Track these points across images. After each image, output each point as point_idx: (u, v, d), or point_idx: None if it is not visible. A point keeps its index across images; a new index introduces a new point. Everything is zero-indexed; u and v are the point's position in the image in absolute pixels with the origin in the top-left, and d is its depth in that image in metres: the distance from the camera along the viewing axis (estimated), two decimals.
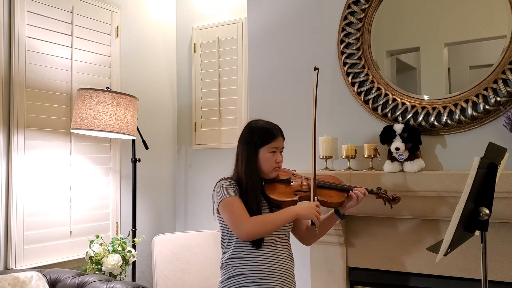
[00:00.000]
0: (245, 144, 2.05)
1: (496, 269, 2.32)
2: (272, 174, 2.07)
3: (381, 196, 2.23)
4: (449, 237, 1.49)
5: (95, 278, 2.47)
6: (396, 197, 2.23)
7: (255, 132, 2.05)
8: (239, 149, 2.07)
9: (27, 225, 2.69)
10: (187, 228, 3.69)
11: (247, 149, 2.03)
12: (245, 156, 2.03)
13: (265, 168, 2.04)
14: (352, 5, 2.73)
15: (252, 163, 2.02)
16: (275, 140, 2.03)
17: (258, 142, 2.02)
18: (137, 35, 3.52)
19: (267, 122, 2.10)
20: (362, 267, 2.68)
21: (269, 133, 2.04)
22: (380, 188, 2.26)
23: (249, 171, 2.01)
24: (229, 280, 2.01)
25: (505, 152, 1.77)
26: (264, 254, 1.98)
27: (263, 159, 2.02)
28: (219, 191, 2.00)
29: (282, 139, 2.09)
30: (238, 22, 3.53)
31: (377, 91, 2.64)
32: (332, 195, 2.14)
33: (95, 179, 3.10)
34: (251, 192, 1.99)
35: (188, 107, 3.77)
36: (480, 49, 2.50)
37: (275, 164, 2.04)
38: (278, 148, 2.05)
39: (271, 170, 2.05)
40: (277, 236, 2.02)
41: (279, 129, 2.09)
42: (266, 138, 2.02)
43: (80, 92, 2.72)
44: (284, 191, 2.07)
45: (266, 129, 2.05)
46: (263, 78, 3.09)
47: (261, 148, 2.02)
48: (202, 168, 3.67)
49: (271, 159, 2.03)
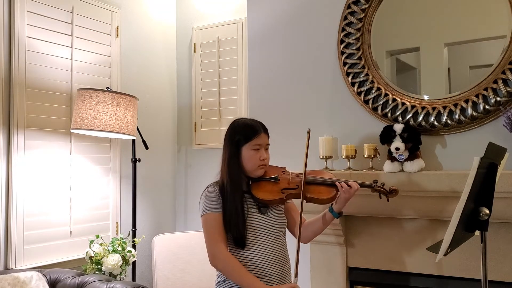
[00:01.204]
0: (227, 143, 2.01)
1: (496, 269, 2.32)
2: (257, 172, 2.01)
3: (376, 190, 2.13)
4: (449, 237, 1.49)
5: (95, 278, 2.47)
6: (393, 189, 2.12)
7: (236, 130, 2.00)
8: (223, 150, 2.03)
9: (27, 225, 2.69)
10: (187, 228, 3.69)
11: (229, 149, 1.99)
12: (227, 156, 1.99)
13: (249, 166, 1.98)
14: (352, 5, 2.73)
15: (234, 163, 1.97)
16: (257, 136, 1.97)
17: (239, 140, 1.97)
18: (137, 35, 3.52)
19: (250, 119, 2.05)
20: (362, 267, 2.67)
21: (251, 130, 1.98)
22: (376, 181, 2.15)
23: (231, 171, 1.97)
24: (223, 283, 1.99)
25: (505, 152, 1.77)
26: (254, 256, 1.95)
27: (246, 157, 1.97)
28: (203, 202, 1.99)
29: (266, 136, 2.02)
30: (238, 22, 3.53)
31: (377, 91, 2.63)
32: (322, 191, 2.04)
33: (95, 179, 3.10)
34: (234, 194, 1.95)
35: (188, 107, 3.77)
36: (480, 49, 2.50)
37: (259, 161, 1.98)
38: (261, 145, 1.99)
39: (256, 168, 1.99)
40: (266, 238, 1.98)
41: (262, 126, 2.03)
42: (247, 135, 1.97)
43: (80, 92, 2.72)
44: (271, 189, 2.01)
45: (248, 126, 2.00)
46: (263, 78, 3.09)
47: (243, 146, 1.97)
48: (202, 168, 3.68)
49: (255, 156, 1.97)
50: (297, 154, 2.67)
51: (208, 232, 1.96)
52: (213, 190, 1.99)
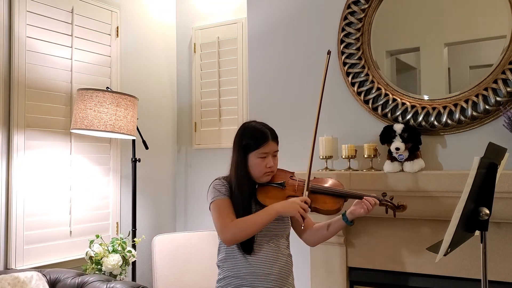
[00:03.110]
0: (236, 147, 2.02)
1: (496, 269, 2.32)
2: (263, 179, 2.01)
3: (383, 204, 2.03)
4: (449, 237, 1.49)
5: (95, 278, 2.47)
6: (401, 205, 2.03)
7: (245, 136, 2.00)
8: (233, 151, 2.04)
9: (27, 225, 2.69)
10: (187, 228, 3.69)
11: (237, 154, 2.00)
12: (235, 160, 2.01)
13: (255, 173, 1.99)
14: (352, 5, 2.73)
15: (241, 169, 1.98)
16: (265, 145, 1.96)
17: (247, 147, 1.97)
18: (137, 35, 3.52)
19: (260, 124, 2.03)
20: (362, 267, 2.67)
21: (259, 138, 1.97)
22: (385, 194, 2.06)
23: (238, 176, 1.98)
24: (223, 280, 2.00)
25: (505, 152, 1.77)
26: (257, 256, 1.95)
27: (252, 164, 1.97)
28: (211, 192, 1.99)
29: (274, 143, 2.00)
30: (238, 22, 3.53)
31: (377, 91, 2.64)
32: (326, 202, 2.00)
33: (95, 179, 3.10)
34: (239, 197, 1.96)
35: (188, 107, 3.77)
36: (480, 49, 2.50)
37: (265, 169, 1.98)
38: (268, 153, 1.98)
39: (262, 175, 1.99)
40: (269, 238, 1.98)
41: (271, 133, 2.00)
42: (255, 144, 1.96)
43: (80, 92, 2.72)
44: (276, 195, 1.99)
45: (257, 134, 1.98)
46: (263, 78, 3.09)
47: (250, 154, 1.97)
48: (202, 168, 3.67)
49: (261, 164, 1.97)
50: (297, 155, 2.67)
51: (218, 214, 1.93)
52: (222, 182, 2.01)
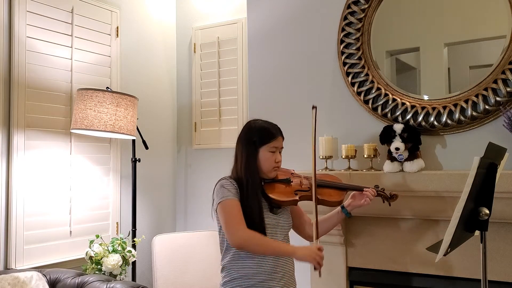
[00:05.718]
0: (244, 143, 2.04)
1: (496, 269, 2.32)
2: (271, 174, 2.06)
3: (379, 194, 2.24)
4: (449, 237, 1.49)
5: (95, 278, 2.47)
6: (393, 194, 2.24)
7: (254, 132, 2.04)
8: (238, 149, 2.06)
9: (27, 225, 2.69)
10: (187, 228, 3.69)
11: (247, 149, 2.02)
12: (245, 155, 2.02)
13: (264, 167, 2.03)
14: (352, 5, 2.73)
15: (252, 163, 2.01)
16: (275, 139, 2.03)
17: (257, 141, 2.01)
18: (137, 35, 3.52)
19: (266, 121, 2.10)
20: (362, 267, 2.67)
21: (269, 133, 2.03)
22: (377, 186, 2.27)
23: (249, 170, 2.00)
24: (230, 282, 1.99)
25: (505, 152, 1.78)
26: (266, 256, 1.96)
27: (262, 158, 2.01)
28: (219, 191, 1.98)
29: (282, 139, 2.08)
30: (238, 22, 3.53)
31: (377, 91, 2.64)
32: (332, 194, 2.15)
33: (95, 179, 3.10)
34: (252, 191, 1.97)
35: (188, 107, 3.77)
36: (480, 49, 2.50)
37: (274, 163, 2.03)
38: (277, 147, 2.04)
39: (271, 169, 2.04)
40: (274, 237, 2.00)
41: (279, 129, 2.08)
42: (266, 138, 2.02)
43: (80, 92, 2.72)
44: (284, 190, 2.06)
45: (266, 129, 2.04)
46: (263, 78, 3.09)
47: (260, 148, 2.01)
48: (202, 168, 3.68)
49: (271, 158, 2.02)
50: (297, 154, 2.67)
51: (229, 215, 1.93)
52: (230, 181, 2.00)
